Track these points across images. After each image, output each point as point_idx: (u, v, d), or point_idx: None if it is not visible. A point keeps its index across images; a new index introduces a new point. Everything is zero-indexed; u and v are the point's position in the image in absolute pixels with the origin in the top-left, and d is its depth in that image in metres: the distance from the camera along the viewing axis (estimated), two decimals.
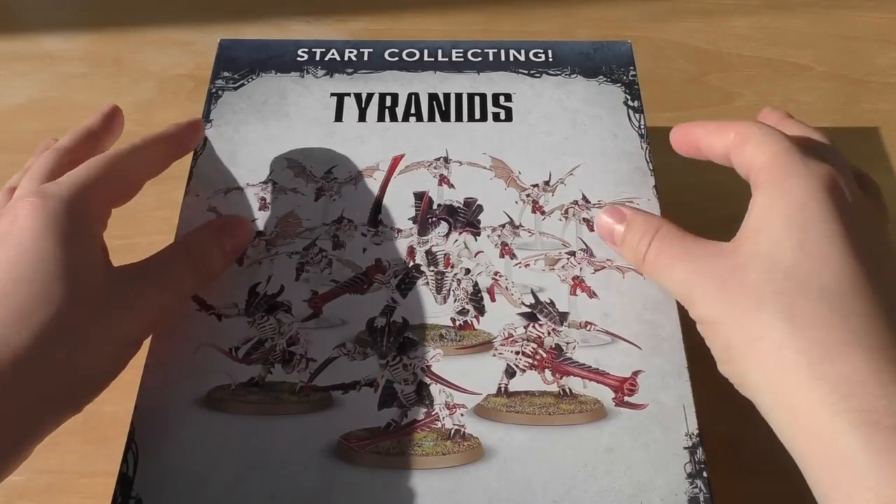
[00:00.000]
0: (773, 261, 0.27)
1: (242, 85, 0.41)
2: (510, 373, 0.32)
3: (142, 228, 0.47)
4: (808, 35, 0.59)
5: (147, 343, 0.33)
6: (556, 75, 0.42)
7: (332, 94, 0.41)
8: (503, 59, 0.43)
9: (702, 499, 0.29)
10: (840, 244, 0.27)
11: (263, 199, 0.37)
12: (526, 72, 0.42)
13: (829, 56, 0.57)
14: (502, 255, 0.36)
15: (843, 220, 0.27)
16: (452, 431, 0.31)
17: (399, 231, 0.36)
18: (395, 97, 0.41)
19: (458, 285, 0.35)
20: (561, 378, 0.32)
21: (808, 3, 0.61)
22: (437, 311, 0.34)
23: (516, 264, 0.35)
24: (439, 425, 0.31)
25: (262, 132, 0.40)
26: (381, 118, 0.40)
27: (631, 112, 0.41)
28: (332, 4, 0.60)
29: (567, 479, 0.30)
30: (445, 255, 0.36)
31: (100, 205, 0.32)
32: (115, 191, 0.33)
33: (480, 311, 0.34)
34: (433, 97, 0.41)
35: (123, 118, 0.38)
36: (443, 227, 0.36)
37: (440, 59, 0.43)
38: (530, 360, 0.33)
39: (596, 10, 0.60)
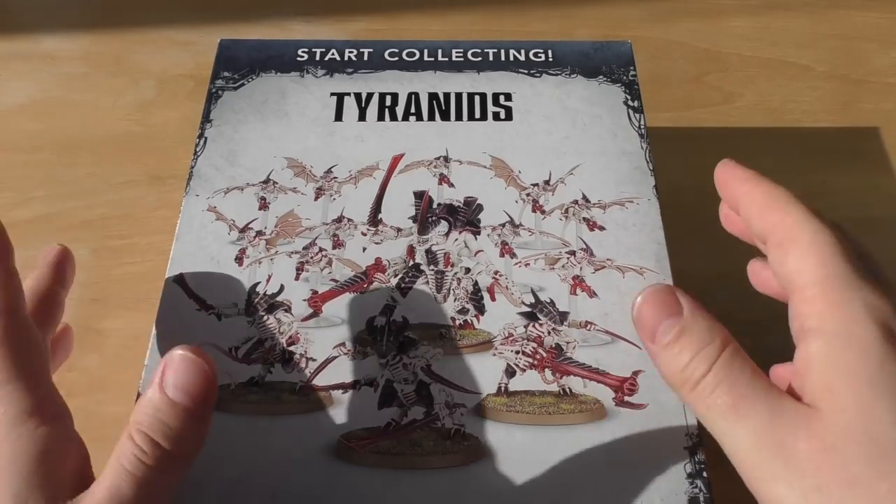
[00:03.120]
0: (878, 444, 0.21)
1: (242, 85, 0.41)
2: (510, 372, 0.32)
3: (142, 228, 0.47)
4: (808, 35, 0.59)
5: (147, 344, 0.33)
6: (556, 75, 0.42)
7: (332, 94, 0.41)
8: (503, 58, 0.43)
9: (702, 499, 0.29)
10: None
11: (263, 198, 0.37)
12: (526, 71, 0.42)
13: (829, 56, 0.57)
14: (502, 255, 0.36)
15: None
16: (452, 431, 0.31)
17: (399, 230, 0.36)
18: (394, 96, 0.41)
19: (458, 284, 0.35)
20: (561, 378, 0.32)
21: (808, 3, 0.61)
22: (437, 311, 0.34)
23: (516, 263, 0.35)
24: (439, 425, 0.31)
25: (261, 132, 0.40)
26: (380, 117, 0.40)
27: (631, 112, 0.41)
28: (332, 4, 0.60)
29: (567, 479, 0.29)
30: (445, 254, 0.36)
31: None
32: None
33: (480, 310, 0.34)
34: (433, 97, 0.41)
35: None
36: (443, 226, 0.36)
37: (440, 58, 0.43)
38: (530, 360, 0.33)
39: (596, 10, 0.60)
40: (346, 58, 0.43)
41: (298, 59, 0.43)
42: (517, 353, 0.33)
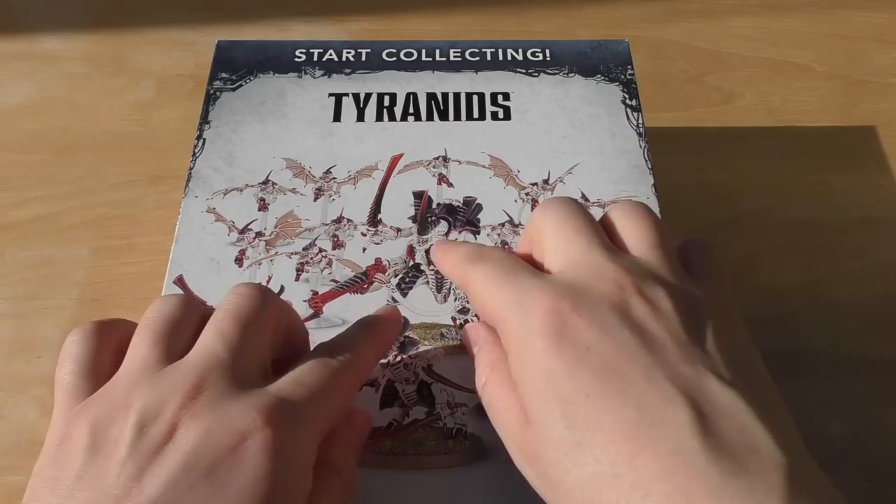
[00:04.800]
0: (558, 447, 0.24)
1: (240, 86, 0.41)
2: None
3: (142, 228, 0.47)
4: (808, 35, 0.59)
5: None
6: (554, 74, 0.42)
7: (331, 94, 0.41)
8: (501, 58, 0.43)
9: None
10: (600, 398, 0.23)
11: (262, 199, 0.37)
12: (524, 71, 0.42)
13: (829, 56, 0.57)
14: None
15: (591, 368, 0.24)
16: (454, 430, 0.31)
17: (399, 230, 0.36)
18: (393, 97, 0.41)
19: None
20: None
21: (808, 3, 0.61)
22: (438, 310, 0.34)
23: None
24: (441, 424, 0.31)
25: (260, 133, 0.40)
26: (379, 118, 0.40)
27: (629, 111, 0.41)
28: (331, 4, 0.60)
29: None
30: None
31: (321, 436, 0.27)
32: (336, 418, 0.28)
33: None
34: (431, 96, 0.41)
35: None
36: (442, 226, 0.36)
37: (438, 58, 0.43)
38: None
39: (596, 10, 0.60)
40: (343, 58, 0.43)
41: (296, 59, 0.43)
42: None
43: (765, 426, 0.22)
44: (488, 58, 0.43)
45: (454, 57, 0.43)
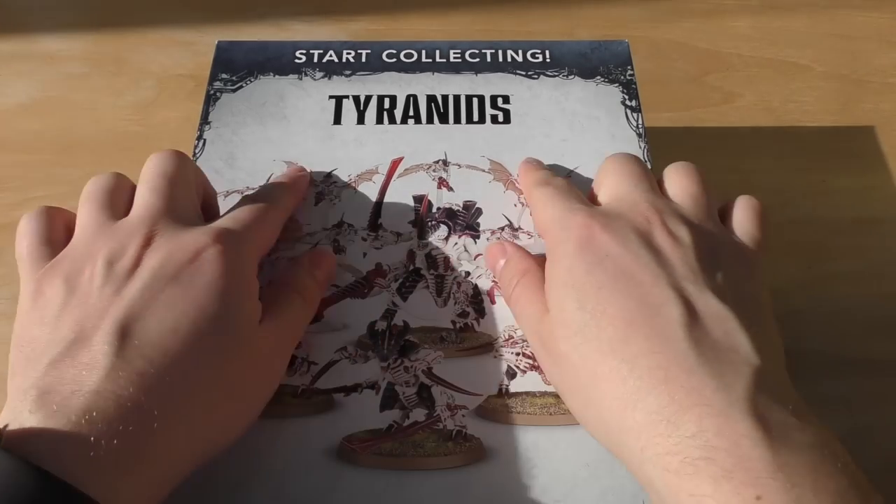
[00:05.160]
0: (568, 327, 0.29)
1: (241, 87, 0.41)
2: (511, 374, 0.32)
3: None
4: (808, 35, 0.59)
5: None
6: (554, 76, 0.42)
7: (331, 97, 0.41)
8: (501, 59, 0.43)
9: None
10: (609, 292, 0.28)
11: None
12: (523, 73, 0.42)
13: (829, 56, 0.57)
14: None
15: (606, 269, 0.29)
16: (454, 432, 0.31)
17: (399, 235, 0.36)
18: (393, 99, 0.41)
19: (459, 288, 0.35)
20: None
21: (808, 3, 0.61)
22: (438, 314, 0.34)
23: None
24: (441, 426, 0.31)
25: (260, 135, 0.40)
26: (379, 120, 0.40)
27: (629, 112, 0.41)
28: (331, 4, 0.60)
29: (569, 479, 0.30)
30: (445, 258, 0.36)
31: (258, 258, 0.32)
32: (266, 247, 0.34)
33: (481, 313, 0.34)
34: (431, 99, 0.41)
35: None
36: (442, 230, 0.36)
37: (438, 59, 0.43)
38: (531, 361, 0.33)
39: (596, 10, 0.60)
40: (343, 59, 0.43)
41: (297, 60, 0.43)
42: (517, 354, 0.33)
43: (748, 335, 0.26)
44: (488, 59, 0.43)
45: (454, 58, 0.43)
